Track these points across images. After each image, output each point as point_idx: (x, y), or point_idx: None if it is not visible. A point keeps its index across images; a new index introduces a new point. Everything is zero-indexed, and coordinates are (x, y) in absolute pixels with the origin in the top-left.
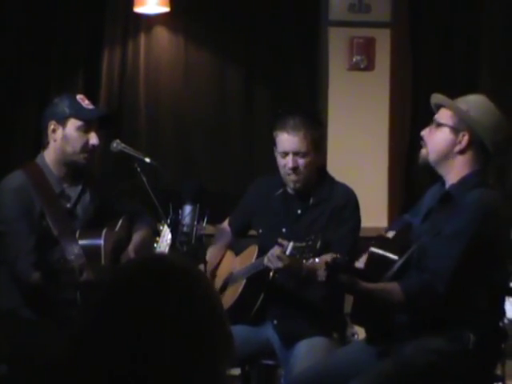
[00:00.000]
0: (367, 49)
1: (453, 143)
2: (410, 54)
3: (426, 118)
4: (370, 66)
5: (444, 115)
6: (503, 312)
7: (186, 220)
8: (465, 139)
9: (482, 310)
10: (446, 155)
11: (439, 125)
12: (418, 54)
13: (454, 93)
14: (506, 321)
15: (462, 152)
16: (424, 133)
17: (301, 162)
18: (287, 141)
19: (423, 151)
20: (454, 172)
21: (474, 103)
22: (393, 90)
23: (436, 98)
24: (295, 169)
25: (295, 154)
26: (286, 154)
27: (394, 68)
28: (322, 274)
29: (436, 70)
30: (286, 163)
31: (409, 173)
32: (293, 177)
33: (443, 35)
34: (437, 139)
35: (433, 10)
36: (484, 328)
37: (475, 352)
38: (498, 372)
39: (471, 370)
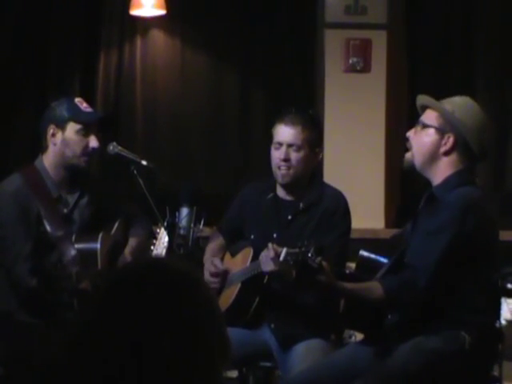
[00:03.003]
0: (363, 51)
1: (438, 144)
2: (406, 55)
3: None
4: (366, 68)
5: (429, 116)
6: (499, 313)
7: (183, 222)
8: (450, 141)
9: (477, 310)
10: (431, 157)
11: (424, 126)
12: (414, 56)
13: (450, 95)
14: (502, 321)
15: (446, 153)
16: (410, 134)
17: (293, 155)
18: (283, 132)
19: (408, 155)
20: (440, 173)
21: (460, 104)
22: (389, 91)
23: (422, 99)
24: (286, 160)
25: (289, 146)
26: (280, 144)
27: (391, 70)
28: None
29: (432, 72)
30: (278, 155)
31: (405, 174)
32: (283, 170)
33: (440, 37)
34: (422, 141)
35: (429, 12)
36: (480, 329)
37: (471, 353)
38: (495, 373)
39: (468, 371)
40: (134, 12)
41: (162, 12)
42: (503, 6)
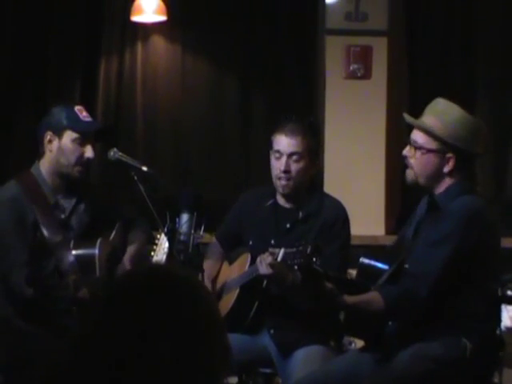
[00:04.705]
0: (364, 57)
1: (441, 166)
2: (406, 62)
3: None
4: (366, 75)
5: (423, 138)
6: (500, 320)
7: (183, 228)
8: (452, 160)
9: (478, 317)
10: (436, 176)
11: (422, 149)
12: (414, 62)
13: (450, 101)
14: (503, 329)
15: (450, 171)
16: (407, 153)
17: (294, 166)
18: (283, 142)
19: (410, 173)
20: (443, 184)
21: (448, 118)
22: (390, 98)
23: (409, 120)
24: (287, 172)
25: (289, 156)
26: (280, 155)
27: (391, 76)
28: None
29: (433, 78)
30: (279, 166)
31: (405, 181)
32: (283, 181)
33: (440, 43)
34: (423, 165)
35: (429, 19)
36: (481, 336)
37: (472, 360)
38: (496, 380)
39: (468, 378)
40: (135, 18)
41: (163, 18)
42: (503, 12)
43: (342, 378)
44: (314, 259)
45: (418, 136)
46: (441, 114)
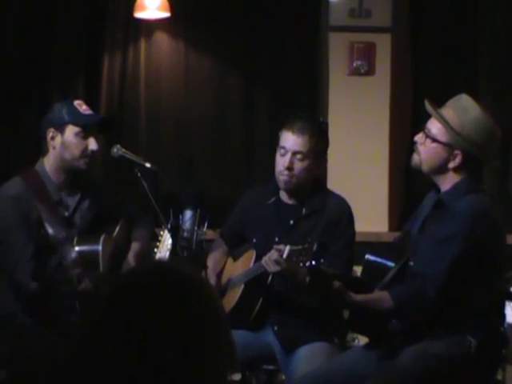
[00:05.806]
0: (368, 54)
1: (446, 160)
2: (410, 58)
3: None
4: (370, 71)
5: (438, 128)
6: (504, 317)
7: (187, 225)
8: (458, 158)
9: (483, 314)
10: (439, 169)
11: (432, 139)
12: (418, 59)
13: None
14: (506, 326)
15: (455, 168)
16: (418, 139)
17: (297, 164)
18: (290, 140)
19: (416, 158)
20: (448, 181)
21: (466, 117)
22: (393, 94)
23: (429, 109)
24: (290, 169)
25: (294, 154)
26: (285, 151)
27: (395, 73)
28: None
29: (436, 75)
30: (282, 162)
31: (409, 177)
32: (285, 177)
33: (443, 40)
34: (430, 154)
35: (433, 15)
36: (485, 333)
37: (476, 357)
38: (499, 377)
39: (472, 376)
40: (138, 14)
41: (167, 14)
42: (507, 9)
43: (346, 375)
44: (322, 260)
45: (433, 125)
46: (461, 110)
